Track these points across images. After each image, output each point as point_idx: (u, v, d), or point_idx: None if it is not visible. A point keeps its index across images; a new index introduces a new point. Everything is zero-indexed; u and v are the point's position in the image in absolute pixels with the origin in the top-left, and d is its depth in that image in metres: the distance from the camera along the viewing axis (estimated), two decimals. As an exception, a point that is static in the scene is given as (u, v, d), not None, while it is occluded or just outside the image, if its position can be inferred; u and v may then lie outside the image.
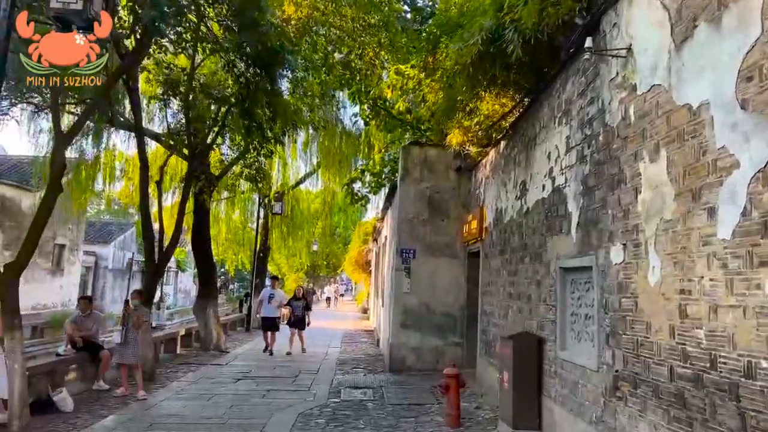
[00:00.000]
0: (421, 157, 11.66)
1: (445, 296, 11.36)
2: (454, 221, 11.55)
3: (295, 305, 14.37)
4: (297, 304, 14.41)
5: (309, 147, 21.57)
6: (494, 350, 8.67)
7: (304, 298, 14.76)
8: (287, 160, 22.30)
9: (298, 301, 14.49)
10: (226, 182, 15.71)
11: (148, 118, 14.65)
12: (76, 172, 17.04)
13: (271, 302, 13.90)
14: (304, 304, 14.45)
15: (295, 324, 14.22)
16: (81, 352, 8.85)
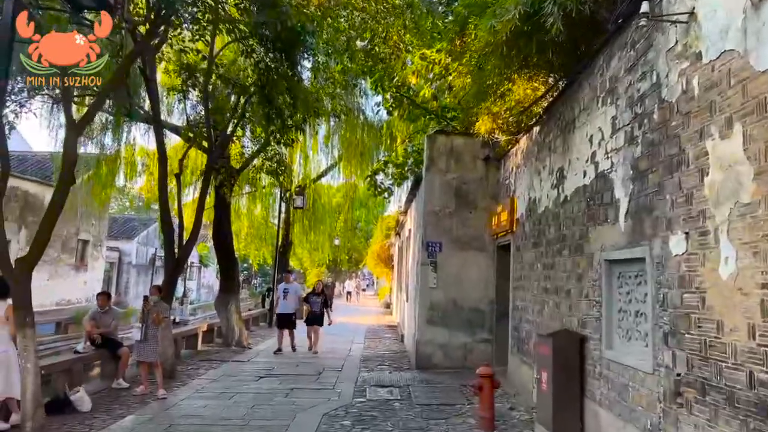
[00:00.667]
0: (447, 147, 11.20)
1: (473, 291, 10.91)
2: (481, 213, 11.09)
3: (313, 301, 13.47)
4: (315, 299, 13.47)
5: (330, 140, 21.26)
6: (527, 348, 8.23)
7: (323, 293, 13.76)
8: (308, 153, 22.02)
9: (316, 296, 13.55)
10: (248, 176, 15.42)
11: (168, 111, 14.47)
12: (97, 168, 16.96)
13: (287, 298, 13.13)
14: (323, 300, 13.50)
15: (313, 321, 13.36)
16: (100, 349, 8.63)
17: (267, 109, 8.07)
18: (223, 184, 13.60)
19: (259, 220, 26.20)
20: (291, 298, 13.13)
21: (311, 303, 13.40)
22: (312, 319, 13.37)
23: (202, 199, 9.84)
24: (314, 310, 13.32)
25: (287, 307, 13.14)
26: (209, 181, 10.41)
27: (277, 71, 7.95)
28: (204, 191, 9.81)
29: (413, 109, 12.88)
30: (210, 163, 10.08)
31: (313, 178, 22.39)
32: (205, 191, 9.82)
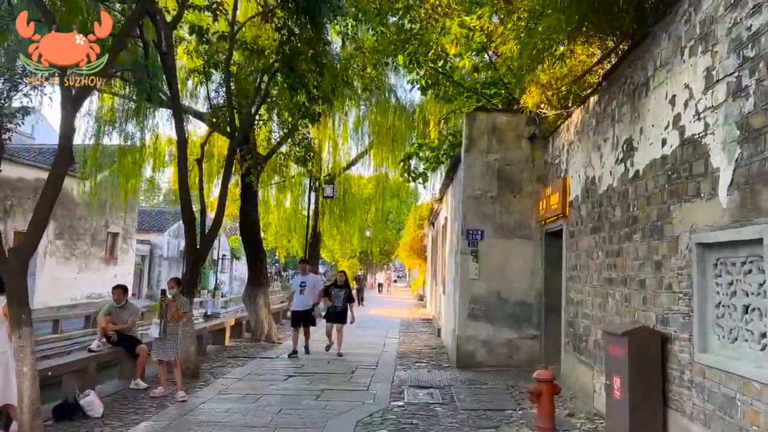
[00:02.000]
0: (489, 125, 10.24)
1: (519, 282, 9.97)
2: (527, 197, 10.11)
3: (335, 294, 11.60)
4: (338, 293, 11.59)
5: (360, 126, 20.44)
6: (585, 346, 7.29)
7: (347, 285, 11.97)
8: (338, 141, 21.24)
9: (339, 289, 11.65)
10: (275, 164, 14.71)
11: (191, 95, 13.82)
12: (121, 158, 16.48)
13: (304, 292, 11.37)
14: (346, 294, 11.62)
15: (335, 318, 11.52)
16: (117, 347, 8.03)
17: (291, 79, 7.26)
18: (249, 171, 12.94)
19: (288, 211, 25.62)
20: (309, 293, 11.44)
21: (332, 297, 11.59)
22: (333, 315, 11.54)
23: (224, 185, 9.15)
24: (336, 305, 11.49)
25: (304, 302, 11.35)
26: (232, 165, 9.70)
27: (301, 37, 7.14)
28: (226, 177, 9.12)
29: (450, 87, 11.93)
30: (233, 147, 9.36)
31: (343, 167, 21.60)
32: (228, 177, 9.14)
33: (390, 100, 17.17)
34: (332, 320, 11.57)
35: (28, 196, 18.02)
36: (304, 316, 11.37)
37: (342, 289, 11.67)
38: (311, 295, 11.48)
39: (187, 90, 15.22)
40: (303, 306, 11.33)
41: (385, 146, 19.62)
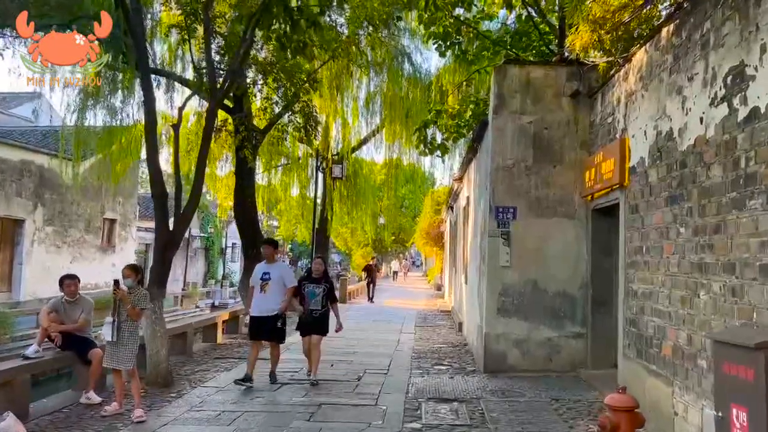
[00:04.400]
0: (522, 80, 8.49)
1: (559, 270, 8.26)
2: (569, 167, 8.37)
3: (309, 292, 7.59)
4: (313, 290, 7.60)
5: (371, 103, 18.71)
6: (656, 352, 5.60)
7: (325, 279, 7.85)
8: (347, 119, 19.57)
9: (314, 284, 7.65)
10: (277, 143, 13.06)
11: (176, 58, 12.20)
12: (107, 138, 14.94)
13: (266, 289, 7.35)
14: (325, 291, 7.65)
15: (309, 327, 7.59)
16: (65, 352, 6.51)
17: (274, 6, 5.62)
18: (243, 145, 11.35)
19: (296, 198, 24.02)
20: (274, 290, 7.36)
21: (306, 296, 7.59)
22: (307, 323, 7.59)
23: (202, 152, 7.55)
24: (311, 308, 7.55)
25: (267, 305, 7.36)
26: (212, 130, 8.10)
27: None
28: (205, 143, 7.53)
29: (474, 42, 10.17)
30: (213, 108, 7.75)
31: (354, 147, 19.95)
32: (207, 143, 7.54)
33: (403, 66, 15.41)
34: (306, 331, 7.61)
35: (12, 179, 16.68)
36: (267, 327, 7.34)
37: (319, 284, 7.64)
38: (278, 293, 7.35)
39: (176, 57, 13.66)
40: (265, 310, 7.31)
41: (398, 122, 17.89)
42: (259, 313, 7.42)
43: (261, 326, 7.43)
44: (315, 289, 7.66)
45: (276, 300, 7.37)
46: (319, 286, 7.68)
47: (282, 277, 7.50)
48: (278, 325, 7.40)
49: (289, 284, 7.51)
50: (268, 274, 7.45)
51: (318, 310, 7.63)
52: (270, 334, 7.47)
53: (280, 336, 7.57)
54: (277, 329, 7.43)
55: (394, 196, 28.35)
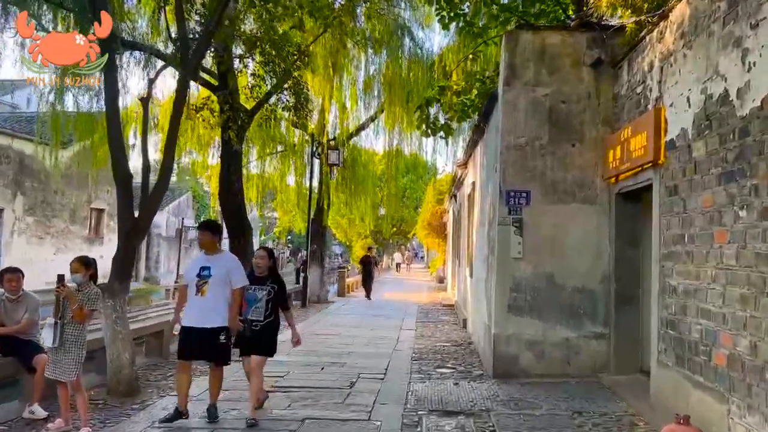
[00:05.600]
0: (537, 48, 7.49)
1: (579, 262, 7.31)
2: (590, 146, 7.40)
3: (250, 296, 5.53)
4: (254, 294, 5.55)
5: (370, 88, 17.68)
6: (707, 362, 4.65)
7: (273, 276, 5.72)
8: (345, 103, 18.54)
9: (258, 285, 5.59)
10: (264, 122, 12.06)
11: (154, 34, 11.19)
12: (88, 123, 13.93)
13: (205, 290, 5.31)
14: (271, 294, 5.56)
15: (248, 344, 5.59)
16: (6, 357, 5.58)
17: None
18: (228, 125, 10.37)
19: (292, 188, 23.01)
20: (216, 291, 5.32)
21: (250, 300, 5.52)
22: (247, 338, 5.55)
23: (172, 126, 6.59)
24: (249, 317, 5.51)
25: (204, 311, 5.31)
26: (183, 102, 7.13)
27: None
28: (175, 118, 6.56)
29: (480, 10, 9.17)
30: (184, 78, 6.78)
31: (352, 132, 18.94)
32: (177, 118, 6.58)
33: (403, 43, 14.36)
34: (246, 349, 5.62)
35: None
36: (206, 343, 5.28)
37: (262, 284, 5.56)
38: (222, 297, 5.31)
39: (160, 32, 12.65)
40: (203, 320, 5.26)
41: (398, 106, 16.84)
42: (195, 324, 5.25)
43: (196, 342, 5.23)
44: (257, 293, 5.48)
45: (219, 307, 5.27)
46: (263, 288, 5.50)
47: (228, 275, 5.31)
48: (221, 340, 5.27)
49: (239, 284, 5.37)
50: (208, 270, 5.30)
51: (260, 321, 5.44)
52: (209, 352, 5.35)
53: (223, 355, 5.38)
54: (219, 346, 5.29)
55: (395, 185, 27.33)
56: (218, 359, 5.45)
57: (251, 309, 5.49)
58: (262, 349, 5.57)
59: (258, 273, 5.64)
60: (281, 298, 5.69)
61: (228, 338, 5.38)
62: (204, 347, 5.31)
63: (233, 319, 5.36)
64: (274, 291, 5.56)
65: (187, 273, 5.65)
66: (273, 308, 5.54)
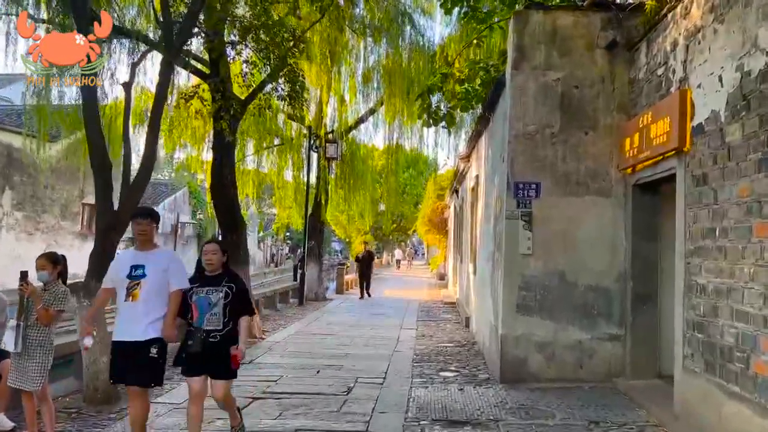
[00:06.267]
0: (547, 29, 6.99)
1: (592, 259, 6.82)
2: (604, 134, 6.91)
3: (197, 302, 4.36)
4: (205, 298, 4.36)
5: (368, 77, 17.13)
6: (743, 370, 4.17)
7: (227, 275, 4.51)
8: (344, 96, 17.99)
9: (211, 287, 4.41)
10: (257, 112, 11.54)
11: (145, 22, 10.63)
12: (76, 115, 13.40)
13: (137, 294, 4.21)
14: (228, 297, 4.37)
15: (202, 364, 4.32)
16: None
17: None
18: (219, 115, 9.86)
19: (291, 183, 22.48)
20: (152, 296, 4.24)
21: (195, 307, 4.37)
22: (196, 356, 4.29)
23: (155, 112, 6.10)
24: (203, 327, 4.31)
25: (135, 320, 4.20)
26: (167, 86, 6.61)
27: None
28: (158, 104, 6.08)
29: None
30: (168, 60, 6.27)
31: (351, 125, 18.41)
32: (160, 103, 6.11)
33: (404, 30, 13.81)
34: (197, 369, 4.37)
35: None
36: (137, 362, 4.16)
37: (216, 286, 4.43)
38: (158, 302, 4.27)
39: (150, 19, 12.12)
40: (134, 331, 4.20)
41: (398, 98, 16.31)
42: (125, 337, 4.18)
43: (131, 360, 4.13)
44: (211, 296, 4.32)
45: (154, 313, 4.20)
46: (217, 290, 4.35)
47: (166, 275, 4.26)
48: (152, 354, 4.13)
49: (178, 285, 4.30)
50: (141, 270, 4.21)
51: (218, 331, 4.28)
52: (138, 371, 4.13)
53: (153, 374, 4.21)
54: (150, 362, 4.13)
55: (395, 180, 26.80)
56: (146, 380, 4.21)
57: (205, 317, 4.30)
58: (225, 369, 4.33)
59: (209, 271, 4.47)
60: (242, 302, 4.49)
61: (161, 352, 4.21)
62: (134, 365, 4.14)
63: (168, 327, 4.21)
64: (232, 293, 4.39)
65: (113, 274, 4.43)
66: (232, 315, 4.37)
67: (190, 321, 4.37)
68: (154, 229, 4.42)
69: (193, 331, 4.31)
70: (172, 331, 4.28)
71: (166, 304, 4.27)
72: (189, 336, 4.33)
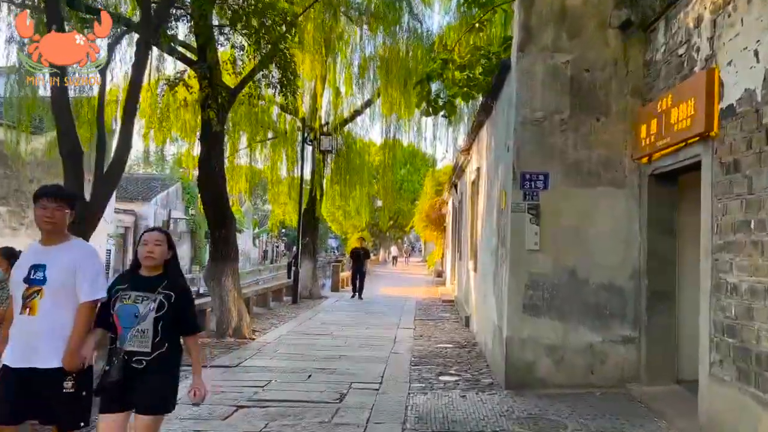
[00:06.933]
0: (555, 7, 6.48)
1: (605, 255, 6.34)
2: (618, 120, 6.42)
3: (123, 309, 3.14)
4: (134, 305, 3.13)
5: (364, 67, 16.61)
6: None
7: (170, 279, 3.25)
8: (339, 88, 17.47)
9: (142, 292, 3.17)
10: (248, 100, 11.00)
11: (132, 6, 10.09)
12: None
13: (34, 307, 3.10)
14: (165, 304, 3.15)
15: (124, 395, 3.10)
16: None
17: None
18: (207, 104, 9.34)
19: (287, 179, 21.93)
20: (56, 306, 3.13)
21: (116, 317, 3.16)
22: (117, 386, 3.08)
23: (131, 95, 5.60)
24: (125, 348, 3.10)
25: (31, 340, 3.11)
26: (143, 67, 6.10)
27: None
28: (134, 87, 5.57)
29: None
30: (145, 38, 5.75)
31: (347, 118, 17.88)
32: (137, 86, 5.61)
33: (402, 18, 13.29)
34: (117, 402, 3.13)
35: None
36: (43, 394, 3.09)
37: (150, 290, 3.19)
38: (64, 316, 3.15)
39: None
40: (31, 356, 3.10)
41: (396, 90, 15.79)
42: (18, 363, 3.11)
43: (23, 392, 3.08)
44: (138, 304, 3.14)
45: (60, 333, 3.13)
46: (150, 298, 3.16)
47: (74, 278, 3.16)
48: (68, 389, 3.09)
49: (88, 296, 3.19)
50: (43, 272, 3.13)
51: (144, 355, 3.11)
52: (46, 409, 3.12)
53: (72, 413, 3.13)
54: (66, 398, 3.10)
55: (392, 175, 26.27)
56: (63, 422, 3.14)
57: (128, 333, 3.09)
58: (152, 402, 3.14)
59: (146, 268, 3.24)
60: (183, 316, 3.24)
61: (80, 387, 3.11)
62: (36, 401, 3.07)
63: (70, 354, 3.07)
64: (169, 304, 3.15)
65: (13, 275, 3.30)
66: (167, 333, 3.15)
67: (112, 336, 3.18)
68: (66, 215, 3.21)
69: (113, 352, 3.11)
70: (75, 359, 3.07)
71: (68, 317, 3.14)
72: (108, 358, 3.14)
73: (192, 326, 3.37)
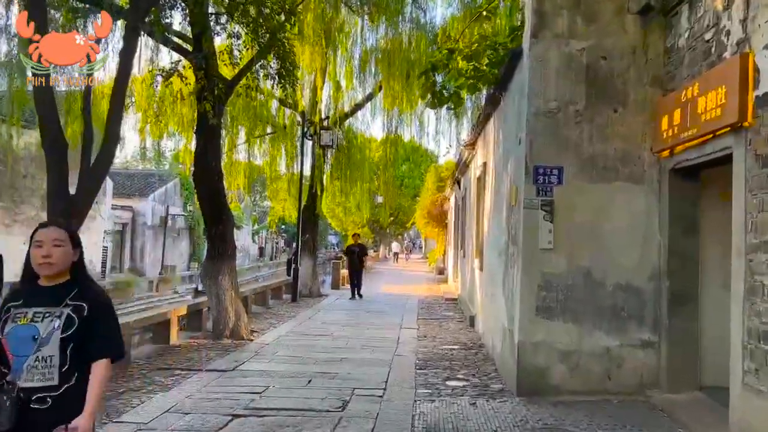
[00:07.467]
0: (571, -9, 6.12)
1: (623, 254, 5.98)
2: (636, 111, 6.06)
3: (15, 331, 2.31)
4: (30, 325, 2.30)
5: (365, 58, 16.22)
6: None
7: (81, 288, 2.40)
8: (339, 81, 17.08)
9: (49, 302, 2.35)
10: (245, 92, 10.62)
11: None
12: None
13: None
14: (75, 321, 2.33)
15: None
16: None
17: None
18: (203, 96, 8.97)
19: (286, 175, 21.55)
20: None
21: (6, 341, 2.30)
22: None
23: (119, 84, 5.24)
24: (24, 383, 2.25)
25: None
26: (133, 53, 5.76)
27: None
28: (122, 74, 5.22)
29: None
30: (134, 23, 5.39)
31: (347, 112, 17.50)
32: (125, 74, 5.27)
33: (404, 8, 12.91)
34: None
35: None
36: None
37: (55, 305, 2.35)
38: None
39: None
40: None
41: (397, 83, 15.39)
42: None
43: None
44: (37, 323, 2.33)
45: None
46: (53, 313, 2.34)
47: None
48: None
49: None
50: None
51: (49, 389, 2.30)
52: None
53: None
54: None
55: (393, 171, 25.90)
56: None
57: (24, 363, 2.30)
58: None
59: (45, 277, 2.42)
60: (102, 334, 2.40)
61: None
62: None
63: None
64: (81, 318, 2.37)
65: None
66: (80, 358, 2.36)
67: (4, 370, 2.27)
68: None
69: (1, 391, 2.22)
70: None
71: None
72: None
73: (107, 346, 2.40)
